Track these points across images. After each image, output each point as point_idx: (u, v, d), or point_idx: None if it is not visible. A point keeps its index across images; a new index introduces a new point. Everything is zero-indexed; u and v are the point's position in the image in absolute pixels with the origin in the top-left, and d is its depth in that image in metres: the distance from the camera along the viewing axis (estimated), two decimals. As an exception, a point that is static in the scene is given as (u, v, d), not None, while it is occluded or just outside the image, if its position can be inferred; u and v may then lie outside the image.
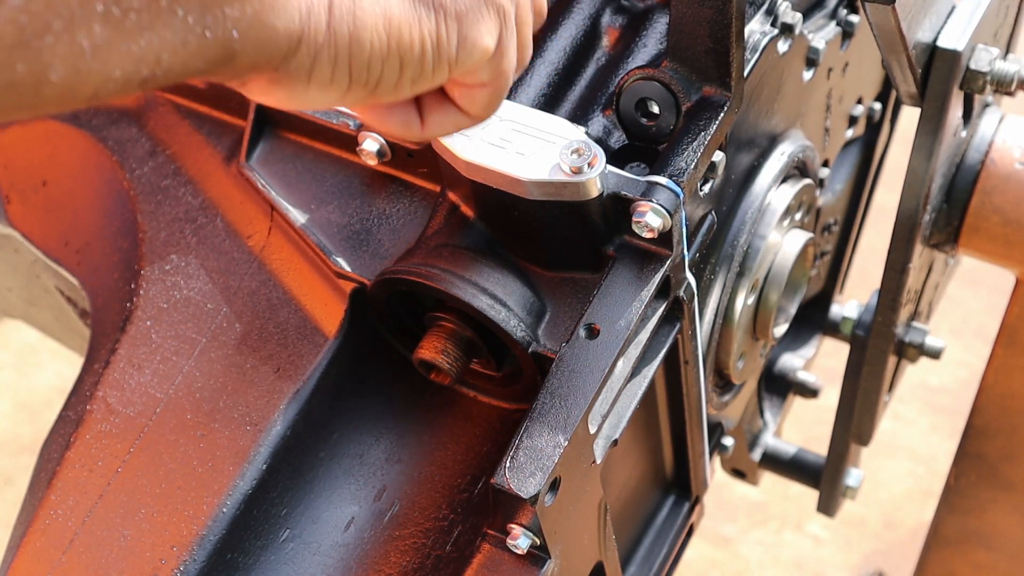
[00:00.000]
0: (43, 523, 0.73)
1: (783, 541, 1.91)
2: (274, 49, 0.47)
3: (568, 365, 0.66)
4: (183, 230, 0.82)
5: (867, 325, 1.00)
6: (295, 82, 0.50)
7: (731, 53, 0.70)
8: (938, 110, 0.82)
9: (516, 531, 0.65)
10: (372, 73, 0.51)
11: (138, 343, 0.78)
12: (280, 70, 0.49)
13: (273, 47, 0.47)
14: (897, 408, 2.08)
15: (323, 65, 0.49)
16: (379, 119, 0.60)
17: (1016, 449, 1.05)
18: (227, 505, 0.71)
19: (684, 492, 0.95)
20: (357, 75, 0.51)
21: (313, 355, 0.75)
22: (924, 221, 0.89)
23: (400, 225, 0.77)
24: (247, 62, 0.47)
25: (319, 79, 0.50)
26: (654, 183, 0.68)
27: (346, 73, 0.50)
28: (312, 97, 0.51)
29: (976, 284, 2.22)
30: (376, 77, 0.51)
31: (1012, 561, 1.14)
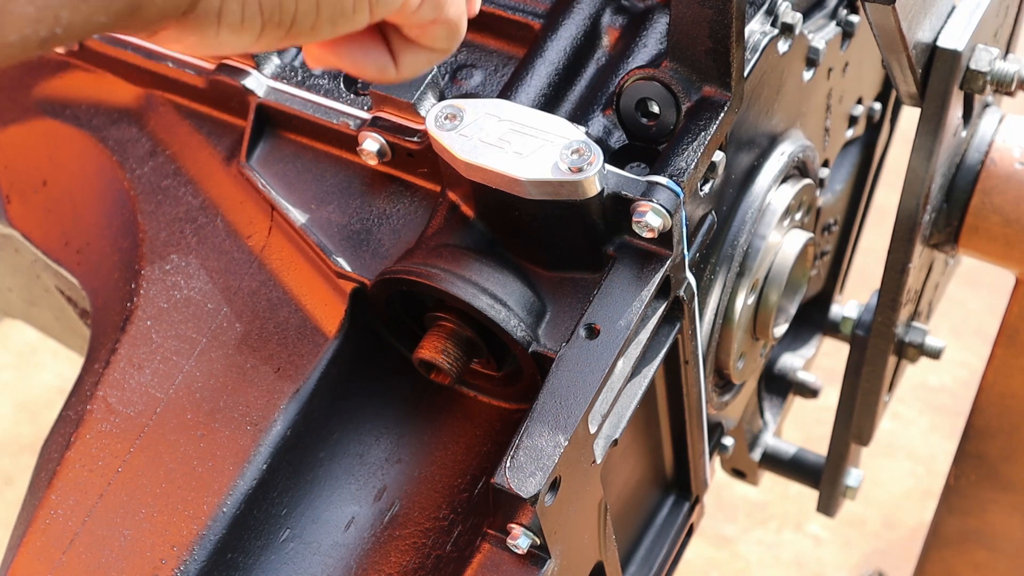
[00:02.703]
0: (43, 523, 0.73)
1: (783, 541, 1.91)
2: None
3: (568, 365, 0.66)
4: (183, 230, 0.82)
5: (867, 325, 1.00)
6: (205, 26, 0.48)
7: (731, 53, 0.70)
8: (938, 110, 0.82)
9: (516, 531, 0.65)
10: (285, 12, 0.49)
11: (138, 343, 0.78)
12: (188, 15, 0.47)
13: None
14: (897, 408, 2.08)
15: (231, 7, 0.48)
16: (354, 64, 0.59)
17: (1016, 449, 1.05)
18: (227, 505, 0.71)
19: (684, 492, 0.95)
20: (269, 14, 0.49)
21: (313, 355, 0.75)
22: (924, 221, 0.89)
23: (400, 225, 0.77)
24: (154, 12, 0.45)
25: (229, 21, 0.48)
26: (654, 183, 0.68)
27: (257, 13, 0.49)
28: (224, 40, 0.49)
29: (976, 284, 2.22)
30: (290, 16, 0.50)
31: (1012, 561, 1.14)
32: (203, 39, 0.49)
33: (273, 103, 0.80)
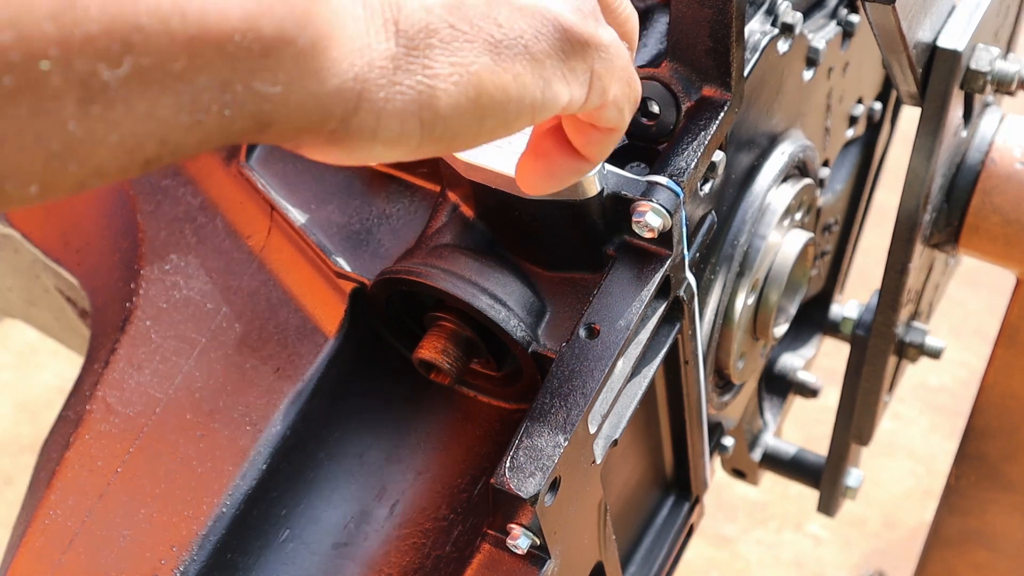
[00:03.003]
0: (43, 523, 0.73)
1: (783, 541, 1.91)
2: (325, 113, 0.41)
3: (568, 365, 0.66)
4: (183, 230, 0.82)
5: (867, 325, 1.00)
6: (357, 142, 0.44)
7: (731, 53, 0.69)
8: (938, 110, 0.82)
9: (516, 531, 0.65)
10: (448, 127, 0.46)
11: (138, 343, 0.78)
12: (337, 132, 0.42)
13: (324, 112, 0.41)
14: (897, 408, 2.08)
15: (389, 122, 0.44)
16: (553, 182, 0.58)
17: (1016, 449, 1.05)
18: (227, 505, 0.71)
19: (684, 492, 0.95)
20: (429, 129, 0.45)
21: (313, 355, 0.75)
22: (924, 221, 0.89)
23: (400, 225, 0.77)
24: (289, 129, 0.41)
25: (385, 137, 0.44)
26: (654, 183, 0.68)
27: (416, 129, 0.45)
28: (378, 154, 0.45)
29: (976, 284, 2.22)
30: (452, 131, 0.46)
31: (1012, 561, 1.14)
32: (353, 153, 0.45)
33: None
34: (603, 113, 0.53)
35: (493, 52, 0.46)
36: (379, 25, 0.43)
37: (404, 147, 0.45)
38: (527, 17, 0.47)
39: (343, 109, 0.42)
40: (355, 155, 0.45)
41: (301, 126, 0.41)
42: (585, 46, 0.49)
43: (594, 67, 0.50)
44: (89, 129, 0.34)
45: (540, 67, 0.48)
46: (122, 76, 0.34)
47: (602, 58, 0.51)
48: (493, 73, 0.46)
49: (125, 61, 0.33)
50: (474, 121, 0.46)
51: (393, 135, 0.44)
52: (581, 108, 0.52)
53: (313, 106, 0.40)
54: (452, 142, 0.47)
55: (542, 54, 0.48)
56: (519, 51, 0.47)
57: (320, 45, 0.39)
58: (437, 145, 0.46)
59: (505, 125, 0.48)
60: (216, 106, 0.37)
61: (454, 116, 0.45)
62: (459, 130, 0.46)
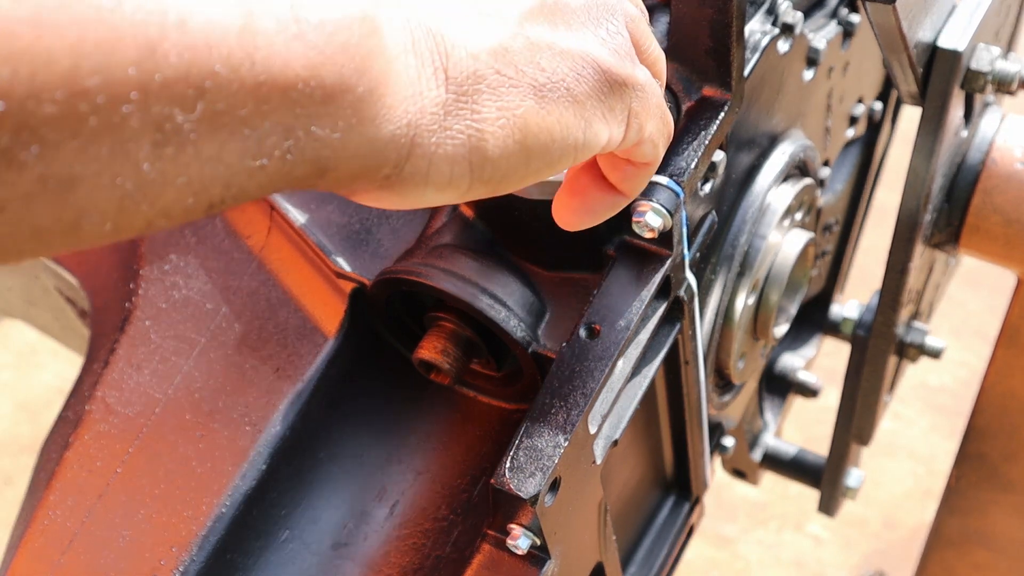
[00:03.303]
0: (42, 523, 0.73)
1: (783, 541, 1.91)
2: (380, 160, 0.43)
3: (568, 365, 0.66)
4: (182, 230, 0.82)
5: (868, 325, 1.00)
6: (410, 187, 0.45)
7: (732, 53, 0.69)
8: (939, 110, 0.82)
9: (516, 531, 0.65)
10: (496, 169, 0.47)
11: (137, 343, 0.78)
12: (391, 178, 0.44)
13: (379, 158, 0.42)
14: (897, 408, 2.08)
15: (440, 166, 0.45)
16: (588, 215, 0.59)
17: (1017, 450, 1.05)
18: (226, 505, 0.71)
19: (684, 492, 0.95)
20: (478, 173, 0.47)
21: (313, 355, 0.75)
22: (925, 221, 0.89)
23: (400, 225, 0.77)
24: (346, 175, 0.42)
25: (437, 181, 0.46)
26: (654, 183, 0.68)
27: (466, 172, 0.46)
28: (430, 197, 0.47)
29: (977, 284, 2.22)
30: (501, 173, 0.48)
31: (1013, 562, 1.14)
32: (404, 198, 0.46)
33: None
34: (639, 149, 0.55)
35: (537, 96, 0.47)
36: (430, 73, 0.44)
37: (454, 190, 0.47)
38: (568, 60, 0.49)
39: (397, 155, 0.43)
40: (408, 199, 0.46)
41: (357, 172, 0.42)
42: (623, 86, 0.51)
43: (632, 106, 0.52)
44: (161, 171, 0.35)
45: (582, 108, 0.49)
46: (194, 120, 0.35)
47: (639, 97, 0.52)
48: (538, 116, 0.47)
49: (198, 106, 0.35)
50: (521, 163, 0.48)
51: (444, 179, 0.46)
52: (619, 146, 0.53)
53: (369, 152, 0.42)
54: (500, 184, 0.48)
55: (583, 96, 0.49)
56: (562, 94, 0.48)
57: (377, 92, 0.41)
58: (486, 187, 0.48)
59: (550, 165, 0.50)
60: (279, 151, 0.38)
61: (502, 159, 0.47)
62: (507, 172, 0.48)
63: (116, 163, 0.34)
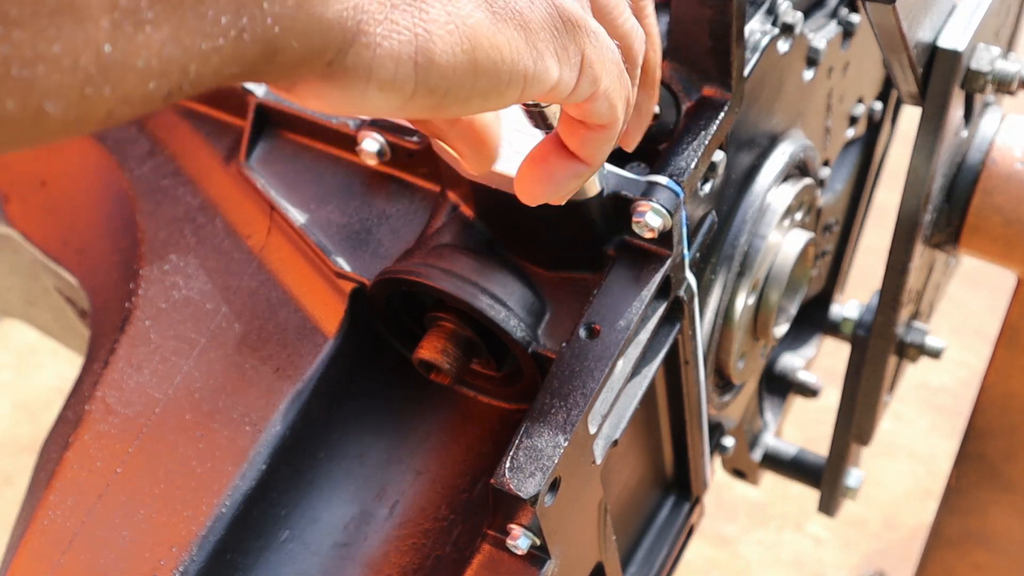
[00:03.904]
0: (42, 524, 0.73)
1: (783, 541, 1.91)
2: (325, 41, 0.42)
3: (568, 365, 0.66)
4: (182, 230, 0.82)
5: (868, 325, 1.00)
6: (352, 80, 0.44)
7: (732, 53, 0.69)
8: (939, 110, 0.82)
9: (516, 531, 0.65)
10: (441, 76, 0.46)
11: (137, 343, 0.78)
12: (334, 65, 0.43)
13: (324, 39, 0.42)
14: (897, 408, 2.08)
15: (384, 61, 0.44)
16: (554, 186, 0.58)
17: (1017, 450, 1.05)
18: (226, 505, 0.71)
19: (684, 492, 0.95)
20: (423, 76, 0.45)
21: (313, 355, 0.75)
22: (925, 221, 0.89)
23: (400, 225, 0.77)
24: (293, 58, 0.42)
25: (379, 77, 0.44)
26: (654, 183, 0.68)
27: (411, 73, 0.45)
28: (371, 99, 0.46)
29: (977, 284, 2.22)
30: (446, 81, 0.46)
31: (1013, 562, 1.14)
32: (347, 96, 0.45)
33: (272, 103, 0.80)
34: (594, 106, 0.54)
35: (489, 10, 0.47)
36: None
37: (398, 94, 0.46)
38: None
39: (342, 38, 0.43)
40: (350, 97, 0.45)
41: (303, 55, 0.42)
42: (575, 27, 0.50)
43: (585, 51, 0.51)
44: (121, 50, 0.35)
45: (533, 36, 0.49)
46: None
47: (593, 45, 0.51)
48: (488, 31, 0.47)
49: None
50: (468, 77, 0.47)
51: (388, 76, 0.45)
52: (572, 94, 0.52)
53: (316, 31, 0.41)
54: (444, 97, 0.47)
55: (535, 24, 0.49)
56: (513, 15, 0.48)
57: None
58: (430, 96, 0.47)
59: (497, 90, 0.49)
60: (234, 31, 0.38)
61: (448, 67, 0.46)
62: (452, 84, 0.47)
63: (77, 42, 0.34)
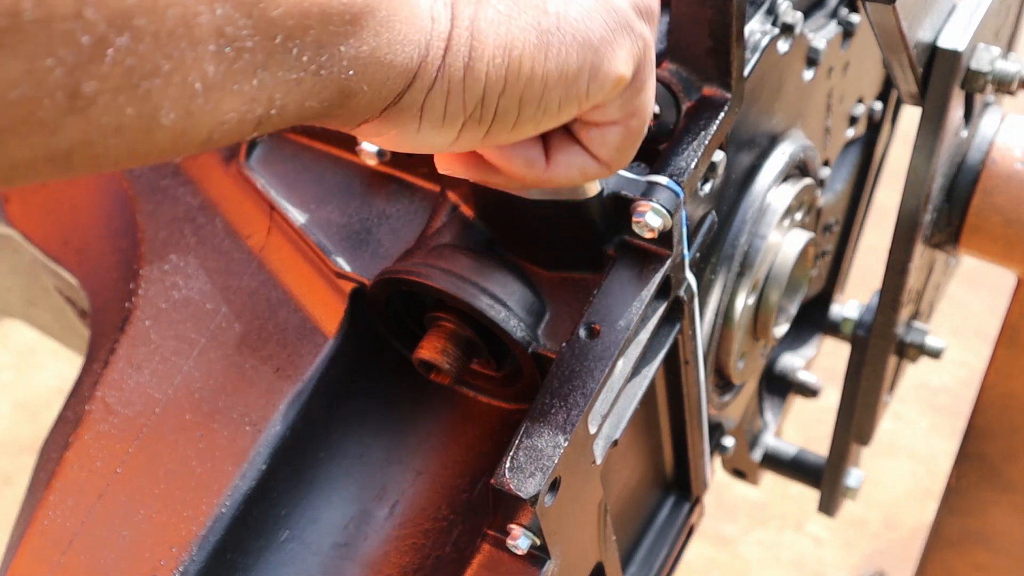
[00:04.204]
0: (42, 524, 0.73)
1: (783, 541, 1.91)
2: (390, 87, 0.45)
3: (568, 365, 0.66)
4: (182, 230, 0.82)
5: (868, 325, 1.00)
6: (407, 120, 0.47)
7: (731, 53, 0.69)
8: (939, 110, 0.82)
9: (516, 531, 0.65)
10: (487, 108, 0.48)
11: (137, 343, 0.78)
12: (391, 108, 0.46)
13: (390, 85, 0.45)
14: (897, 408, 2.08)
15: (435, 100, 0.47)
16: (500, 154, 0.57)
17: (1017, 449, 1.05)
18: (226, 505, 0.71)
19: (684, 492, 0.95)
20: (471, 111, 0.47)
21: (313, 355, 0.75)
22: (925, 221, 0.89)
23: (400, 225, 0.77)
24: (363, 102, 0.45)
25: (431, 116, 0.47)
26: (654, 183, 0.68)
27: (459, 109, 0.47)
28: (425, 136, 0.48)
29: (977, 284, 2.22)
30: (491, 112, 0.48)
31: (1013, 562, 1.14)
32: (403, 134, 0.48)
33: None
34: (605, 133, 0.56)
35: (538, 37, 0.48)
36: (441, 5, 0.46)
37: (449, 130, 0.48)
38: (577, 7, 0.49)
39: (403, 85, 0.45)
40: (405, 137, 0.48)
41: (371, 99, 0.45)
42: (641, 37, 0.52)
43: (642, 62, 0.53)
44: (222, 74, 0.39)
45: (592, 53, 0.50)
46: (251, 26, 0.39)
47: (649, 55, 0.53)
48: (535, 57, 0.48)
49: (254, 12, 0.39)
50: (513, 105, 0.48)
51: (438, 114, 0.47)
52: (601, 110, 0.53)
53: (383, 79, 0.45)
54: (493, 128, 0.49)
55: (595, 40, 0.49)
56: (564, 39, 0.49)
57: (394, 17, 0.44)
58: (479, 129, 0.49)
59: (547, 113, 0.50)
60: (314, 66, 0.42)
61: (492, 98, 0.48)
62: (500, 114, 0.48)
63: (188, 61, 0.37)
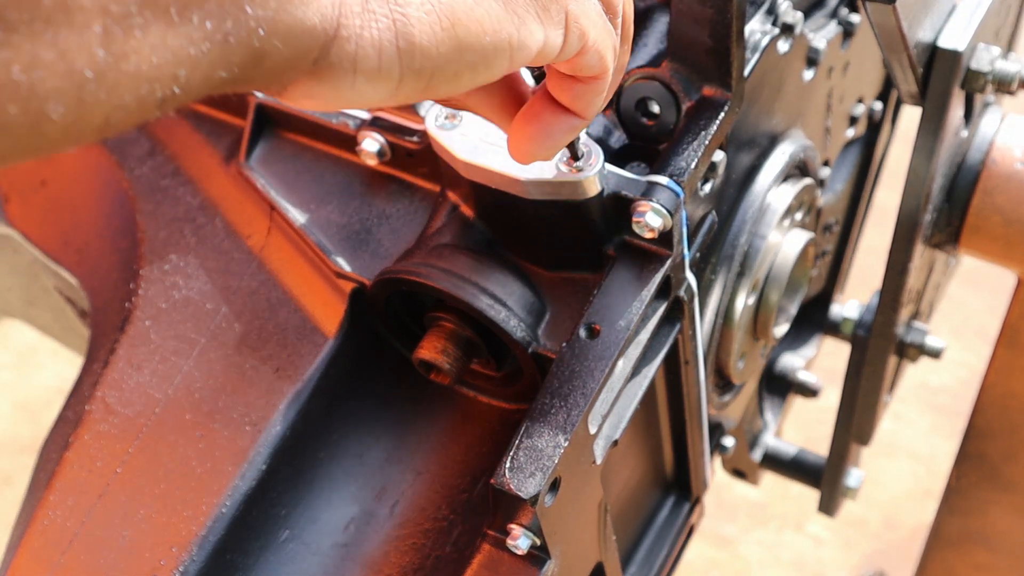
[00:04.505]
0: (42, 524, 0.73)
1: (783, 541, 1.91)
2: (308, 41, 0.43)
3: (568, 365, 0.66)
4: (182, 230, 0.82)
5: (868, 325, 1.00)
6: (340, 75, 0.45)
7: (732, 53, 0.69)
8: (939, 110, 0.82)
9: (516, 531, 0.65)
10: (425, 58, 0.46)
11: (137, 343, 0.78)
12: (320, 62, 0.44)
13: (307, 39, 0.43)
14: (897, 408, 2.08)
15: (367, 51, 0.45)
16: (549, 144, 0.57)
17: (1017, 449, 1.05)
18: (226, 505, 0.71)
19: (684, 492, 0.95)
20: (407, 61, 0.46)
21: (313, 355, 0.75)
22: (925, 221, 0.89)
23: (400, 225, 0.77)
24: (280, 61, 0.43)
25: (365, 68, 0.45)
26: (654, 183, 0.68)
27: (395, 60, 0.46)
28: (361, 91, 0.46)
29: (977, 284, 2.22)
30: (431, 63, 0.47)
31: (1013, 562, 1.14)
32: (338, 91, 0.46)
33: (272, 103, 0.80)
34: (584, 60, 0.54)
35: None
36: None
37: (386, 83, 0.46)
38: None
39: (324, 36, 0.43)
40: (340, 91, 0.46)
41: (288, 58, 0.43)
42: None
43: (568, 8, 0.51)
44: (113, 54, 0.37)
45: (512, 3, 0.49)
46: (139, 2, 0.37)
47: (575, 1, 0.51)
48: (466, 6, 0.47)
49: None
50: (452, 54, 0.47)
51: (372, 66, 0.45)
52: (561, 53, 0.52)
53: (299, 31, 0.42)
54: (433, 77, 0.47)
55: None
56: None
57: None
58: (418, 79, 0.47)
59: (484, 63, 0.49)
60: (219, 35, 0.39)
61: (431, 47, 0.46)
62: (438, 64, 0.47)
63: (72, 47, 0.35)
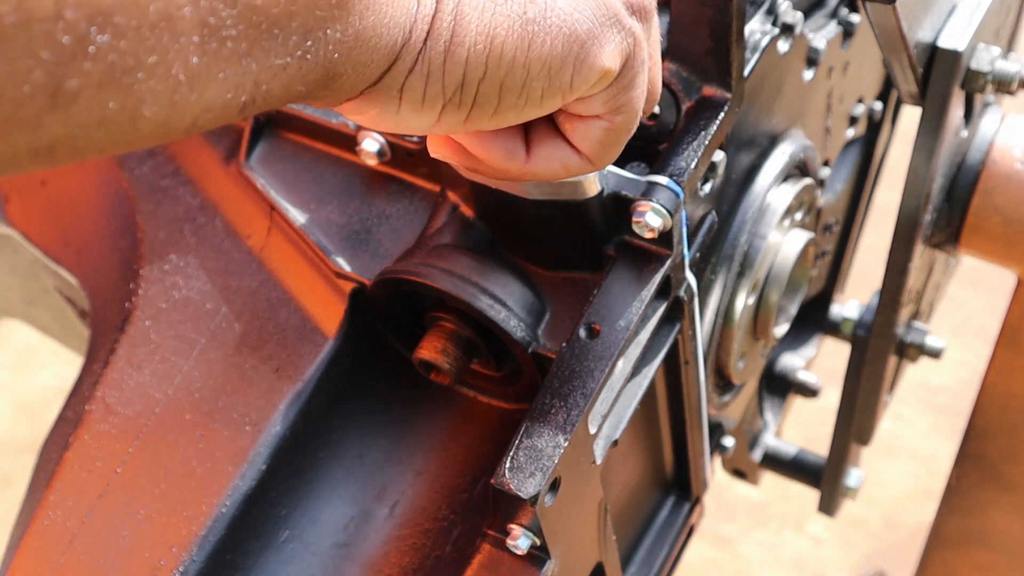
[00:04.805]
0: (42, 524, 0.73)
1: (783, 541, 1.91)
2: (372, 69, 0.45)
3: (568, 365, 0.66)
4: (182, 230, 0.82)
5: (868, 325, 1.00)
6: (387, 101, 0.48)
7: (731, 53, 0.69)
8: (939, 110, 0.82)
9: (516, 531, 0.65)
10: (467, 93, 0.48)
11: (137, 343, 0.78)
12: (372, 88, 0.47)
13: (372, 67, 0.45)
14: (897, 408, 2.08)
15: (414, 82, 0.47)
16: (480, 143, 0.56)
17: (1017, 450, 1.05)
18: (226, 505, 0.71)
19: (684, 492, 0.95)
20: (451, 95, 0.48)
21: (313, 355, 0.75)
22: (925, 221, 0.89)
23: (400, 225, 0.77)
24: (347, 83, 0.45)
25: (410, 97, 0.47)
26: (654, 183, 0.68)
27: (439, 92, 0.47)
28: (404, 118, 0.49)
29: (977, 284, 2.22)
30: (471, 98, 0.48)
31: (1013, 562, 1.14)
32: (384, 115, 0.49)
33: (272, 103, 0.80)
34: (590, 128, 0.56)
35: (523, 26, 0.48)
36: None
37: (428, 113, 0.49)
38: None
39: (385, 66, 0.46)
40: (386, 117, 0.49)
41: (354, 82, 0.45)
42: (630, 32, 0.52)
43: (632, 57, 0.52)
44: (207, 64, 0.39)
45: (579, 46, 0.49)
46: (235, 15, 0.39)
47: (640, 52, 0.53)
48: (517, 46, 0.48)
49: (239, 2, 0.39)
50: (493, 92, 0.49)
51: (417, 96, 0.48)
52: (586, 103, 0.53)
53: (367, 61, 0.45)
54: (473, 112, 0.49)
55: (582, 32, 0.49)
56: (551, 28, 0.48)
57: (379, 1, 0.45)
58: (458, 113, 0.49)
59: (530, 102, 0.50)
60: (300, 51, 0.42)
61: (472, 83, 0.48)
62: (479, 99, 0.49)
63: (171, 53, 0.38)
